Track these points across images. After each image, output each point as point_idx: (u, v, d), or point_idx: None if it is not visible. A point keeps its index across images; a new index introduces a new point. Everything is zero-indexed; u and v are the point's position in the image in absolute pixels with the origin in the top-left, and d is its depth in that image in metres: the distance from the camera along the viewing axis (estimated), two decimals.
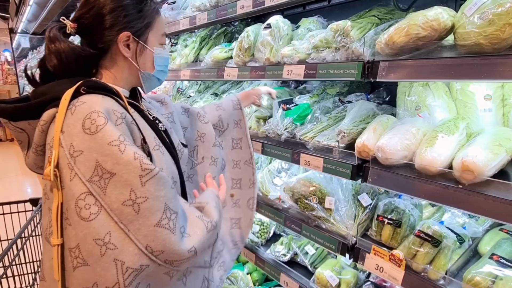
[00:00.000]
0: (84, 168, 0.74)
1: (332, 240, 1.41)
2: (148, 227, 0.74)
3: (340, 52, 1.29)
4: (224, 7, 1.79)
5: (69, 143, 0.76)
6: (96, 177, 0.73)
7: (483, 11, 0.92)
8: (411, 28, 1.04)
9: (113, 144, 0.74)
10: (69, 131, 0.77)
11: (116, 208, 0.73)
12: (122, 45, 0.93)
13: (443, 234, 1.15)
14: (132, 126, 0.86)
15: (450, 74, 0.97)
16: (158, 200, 0.75)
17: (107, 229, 0.73)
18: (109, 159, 0.73)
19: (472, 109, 1.23)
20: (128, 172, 0.73)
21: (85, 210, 0.73)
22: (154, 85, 1.08)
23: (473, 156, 0.98)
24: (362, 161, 1.28)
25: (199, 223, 0.87)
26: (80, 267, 0.75)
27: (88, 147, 0.74)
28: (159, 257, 0.75)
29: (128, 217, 0.73)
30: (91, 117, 0.76)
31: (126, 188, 0.73)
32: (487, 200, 0.94)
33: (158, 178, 0.77)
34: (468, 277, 1.04)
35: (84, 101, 0.79)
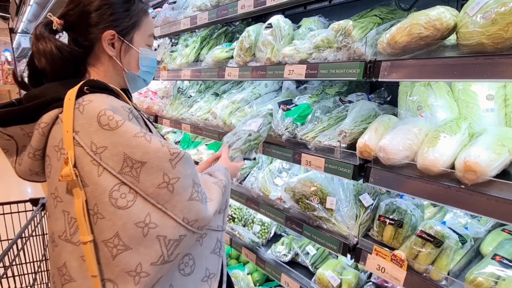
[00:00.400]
0: (112, 162, 0.77)
1: (333, 241, 1.40)
2: (183, 203, 0.81)
3: (341, 51, 1.28)
4: (225, 6, 1.79)
5: (89, 141, 0.77)
6: (126, 168, 0.77)
7: (486, 10, 0.92)
8: (414, 28, 1.04)
9: (138, 136, 0.77)
10: (85, 130, 0.78)
11: (152, 192, 0.78)
12: (106, 43, 0.93)
13: (445, 234, 1.14)
14: (139, 120, 0.87)
15: (453, 74, 0.97)
16: (187, 178, 0.82)
17: (146, 211, 0.78)
18: (137, 150, 0.77)
19: (474, 109, 1.23)
20: (159, 158, 0.78)
21: (121, 200, 0.77)
22: (139, 85, 1.09)
23: (476, 156, 0.97)
24: (364, 161, 1.27)
25: (215, 188, 0.99)
26: (121, 253, 0.78)
27: (112, 142, 0.77)
28: (194, 226, 0.83)
29: (164, 197, 0.79)
30: (106, 113, 0.77)
31: (159, 173, 0.78)
32: (490, 200, 0.93)
33: (186, 159, 0.83)
34: (471, 277, 1.04)
35: (91, 99, 0.80)
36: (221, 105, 2.07)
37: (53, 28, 0.92)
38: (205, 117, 2.15)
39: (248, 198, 1.82)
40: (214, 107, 2.11)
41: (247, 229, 2.03)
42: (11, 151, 0.92)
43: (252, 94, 2.03)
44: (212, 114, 2.06)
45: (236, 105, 1.96)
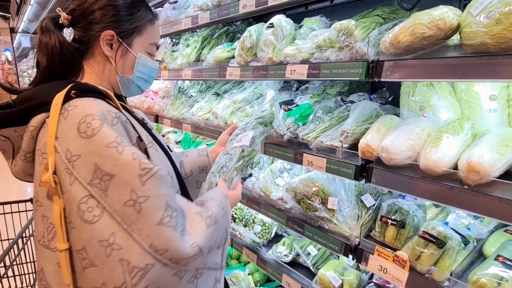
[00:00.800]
0: (84, 172, 0.74)
1: (335, 241, 1.40)
2: (150, 226, 0.73)
3: (343, 51, 1.28)
4: (226, 6, 1.78)
5: (65, 148, 0.76)
6: (96, 179, 0.74)
7: (490, 10, 0.91)
8: (417, 28, 1.03)
9: (110, 146, 0.74)
10: (64, 136, 0.77)
11: (118, 209, 0.73)
12: (104, 42, 0.94)
13: (448, 235, 1.14)
14: (126, 125, 0.86)
15: (456, 74, 0.96)
16: (159, 198, 0.75)
17: (111, 230, 0.73)
18: (107, 161, 0.74)
19: (477, 110, 1.22)
20: (128, 172, 0.74)
21: (88, 213, 0.74)
22: (133, 91, 1.07)
23: (479, 156, 0.97)
24: (366, 162, 1.27)
25: (197, 219, 0.86)
26: (88, 267, 0.75)
27: (86, 150, 0.75)
28: (164, 255, 0.74)
29: (130, 217, 0.73)
30: (86, 120, 0.76)
31: (126, 189, 0.73)
32: (493, 201, 0.93)
33: (158, 177, 0.77)
34: (474, 278, 1.03)
35: (76, 105, 0.79)
36: (222, 105, 2.07)
37: (59, 22, 0.94)
38: (206, 117, 2.14)
39: (249, 198, 1.82)
40: (215, 107, 2.10)
41: (248, 229, 2.02)
42: (8, 152, 0.93)
43: (254, 94, 2.03)
44: (213, 114, 2.06)
45: (238, 105, 1.95)
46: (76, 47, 0.94)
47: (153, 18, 1.05)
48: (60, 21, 0.94)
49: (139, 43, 1.01)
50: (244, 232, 1.94)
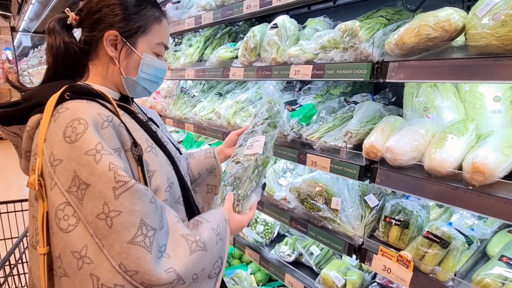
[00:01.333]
0: (63, 178, 0.72)
1: (338, 241, 1.40)
2: (121, 244, 0.70)
3: (348, 52, 1.28)
4: (230, 6, 1.79)
5: (50, 152, 0.75)
6: (74, 187, 0.72)
7: (496, 12, 0.92)
8: (422, 29, 1.04)
9: (89, 153, 0.72)
10: (51, 139, 0.75)
11: (91, 221, 0.71)
12: (108, 43, 0.92)
13: (452, 235, 1.14)
14: (120, 128, 0.84)
15: (462, 75, 0.97)
16: (132, 214, 0.72)
17: (83, 242, 0.71)
18: (85, 169, 0.72)
19: (481, 111, 1.23)
20: (102, 183, 0.71)
21: (63, 221, 0.72)
22: (139, 92, 1.03)
23: (484, 157, 0.97)
24: (370, 162, 1.27)
25: (182, 242, 0.80)
26: (63, 277, 0.74)
27: (67, 156, 0.73)
28: (134, 278, 0.70)
29: (101, 231, 0.70)
30: (73, 125, 0.75)
31: (100, 201, 0.71)
32: (498, 202, 0.93)
33: (134, 191, 0.73)
34: (478, 278, 1.04)
35: (68, 107, 0.78)
36: (225, 105, 2.07)
37: (67, 23, 0.93)
38: (209, 116, 2.15)
39: None
40: (218, 107, 2.11)
41: (251, 229, 2.03)
42: (19, 148, 0.93)
43: (257, 94, 2.03)
44: (216, 114, 2.06)
45: (241, 105, 1.96)
46: (82, 48, 0.93)
47: (160, 17, 1.00)
48: (68, 22, 0.93)
49: (145, 43, 0.97)
50: (247, 231, 1.95)
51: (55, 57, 0.93)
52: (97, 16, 0.92)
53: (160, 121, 1.21)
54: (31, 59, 8.46)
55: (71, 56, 0.92)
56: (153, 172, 0.90)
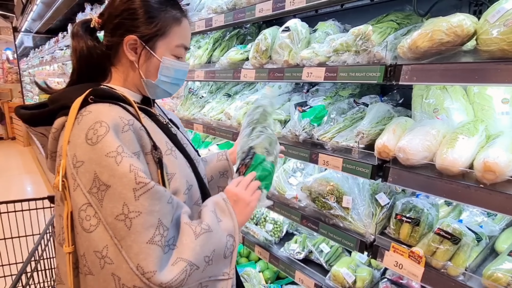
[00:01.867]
0: (85, 179, 0.74)
1: (350, 238, 1.44)
2: (140, 244, 0.71)
3: (361, 55, 1.33)
4: (242, 10, 1.83)
5: (73, 153, 0.77)
6: (94, 188, 0.73)
7: (507, 18, 0.96)
8: (435, 34, 1.08)
9: (110, 155, 0.73)
10: (74, 141, 0.77)
11: (110, 222, 0.72)
12: (128, 47, 0.93)
13: (463, 232, 1.19)
14: (141, 132, 0.85)
15: (474, 78, 1.01)
16: (152, 215, 0.74)
17: (104, 242, 0.72)
18: (105, 171, 0.73)
19: (490, 112, 1.27)
20: (123, 185, 0.72)
21: (86, 222, 0.74)
22: (160, 94, 1.04)
23: (495, 157, 1.02)
24: (382, 161, 1.32)
25: (186, 229, 0.82)
26: (88, 275, 0.77)
27: (89, 158, 0.75)
28: (152, 280, 0.71)
29: (120, 232, 0.72)
30: (95, 127, 0.77)
31: (119, 202, 0.72)
32: (509, 199, 0.98)
33: (154, 192, 0.75)
34: (488, 273, 1.08)
35: (91, 110, 0.80)
36: (234, 106, 2.11)
37: (90, 26, 0.96)
38: (218, 117, 2.18)
39: None
40: (227, 107, 2.15)
41: (260, 228, 2.06)
42: (46, 148, 0.94)
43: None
44: (226, 114, 2.10)
45: (251, 106, 1.99)
46: (104, 51, 0.95)
47: (180, 18, 0.98)
48: (91, 25, 0.96)
49: (164, 46, 0.96)
50: (257, 230, 1.99)
51: (78, 60, 0.96)
52: (117, 21, 0.93)
53: (179, 122, 1.24)
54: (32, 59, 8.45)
55: (93, 60, 0.95)
56: (173, 174, 0.92)
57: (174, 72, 1.01)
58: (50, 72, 6.52)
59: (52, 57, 6.04)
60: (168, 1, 0.97)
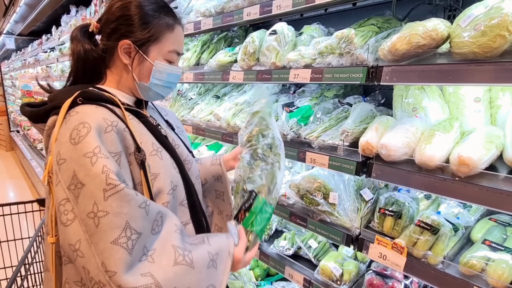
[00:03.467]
0: (65, 176, 0.80)
1: (337, 232, 1.51)
2: (105, 243, 0.75)
3: (345, 57, 1.40)
4: (230, 13, 1.88)
5: (58, 151, 0.82)
6: (72, 185, 0.79)
7: (477, 23, 1.05)
8: (412, 37, 1.16)
9: (87, 155, 0.78)
10: (60, 140, 0.83)
11: (83, 218, 0.77)
12: (122, 51, 0.98)
13: (441, 223, 1.27)
14: (124, 133, 0.90)
15: (448, 78, 1.09)
16: (119, 216, 0.76)
17: (78, 236, 0.77)
18: (82, 170, 0.78)
19: (464, 110, 1.36)
20: (95, 184, 0.77)
21: (63, 216, 0.79)
22: (152, 97, 1.08)
23: (469, 152, 1.10)
24: (366, 158, 1.38)
25: (169, 251, 0.82)
26: (67, 264, 0.86)
27: (70, 156, 0.80)
28: (113, 280, 0.73)
29: (90, 229, 0.76)
30: (78, 127, 0.82)
31: (91, 200, 0.76)
32: (481, 190, 1.06)
33: (122, 194, 0.78)
34: (464, 260, 1.16)
35: (78, 111, 0.86)
36: (223, 107, 2.15)
37: (88, 31, 1.02)
38: (208, 118, 2.22)
39: None
40: (216, 109, 2.19)
41: None
42: None
43: (255, 96, 2.12)
44: (215, 116, 2.14)
45: (239, 107, 2.05)
46: (100, 55, 1.01)
47: (173, 24, 1.01)
48: (90, 29, 1.02)
49: (157, 51, 1.00)
50: None
51: (76, 63, 1.02)
52: (113, 26, 0.98)
53: (178, 123, 1.25)
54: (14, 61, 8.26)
55: (90, 62, 1.01)
56: (156, 175, 0.94)
57: (167, 76, 1.04)
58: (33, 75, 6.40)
59: (35, 59, 5.94)
60: (162, 9, 1.01)
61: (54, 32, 4.79)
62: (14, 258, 1.76)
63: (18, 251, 1.79)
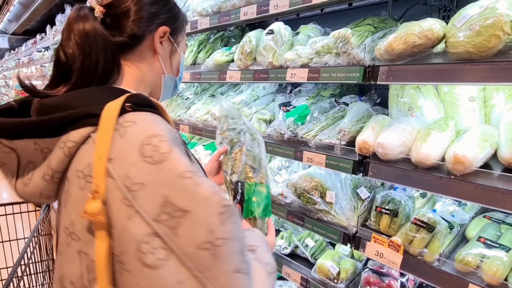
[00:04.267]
0: (149, 205, 0.60)
1: (334, 231, 1.52)
2: (227, 274, 0.62)
3: (342, 57, 1.41)
4: (227, 13, 1.88)
5: (123, 174, 0.61)
6: (164, 215, 0.60)
7: (472, 23, 1.06)
8: (409, 37, 1.17)
9: (185, 176, 0.61)
10: (122, 159, 0.62)
11: (190, 253, 0.60)
12: (158, 40, 0.84)
13: (437, 220, 1.28)
14: (186, 147, 0.73)
15: (444, 78, 1.11)
16: (236, 241, 0.64)
17: (178, 277, 0.60)
18: (182, 194, 0.61)
19: (459, 110, 1.38)
20: (206, 209, 0.61)
21: (150, 256, 0.59)
22: (169, 94, 0.98)
23: (464, 150, 1.11)
24: (362, 157, 1.40)
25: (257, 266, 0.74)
26: None
27: (153, 179, 0.61)
28: None
29: (204, 262, 0.60)
30: (152, 142, 0.62)
31: (202, 228, 0.60)
32: (476, 188, 1.07)
33: (236, 215, 0.65)
34: (460, 257, 1.17)
35: (134, 121, 0.64)
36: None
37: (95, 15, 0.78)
38: (204, 118, 2.22)
39: None
40: (213, 108, 2.19)
41: None
42: (10, 166, 0.71)
43: (251, 96, 2.13)
44: (212, 115, 2.14)
45: (236, 107, 2.05)
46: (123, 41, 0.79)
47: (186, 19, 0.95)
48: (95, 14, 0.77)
49: (182, 42, 0.92)
50: None
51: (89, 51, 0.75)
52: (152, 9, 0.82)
53: None
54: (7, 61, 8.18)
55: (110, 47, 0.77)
56: None
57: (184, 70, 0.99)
58: (27, 74, 6.34)
59: (29, 59, 5.89)
60: None
61: (49, 32, 4.75)
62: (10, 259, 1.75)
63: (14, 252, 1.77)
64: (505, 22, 0.99)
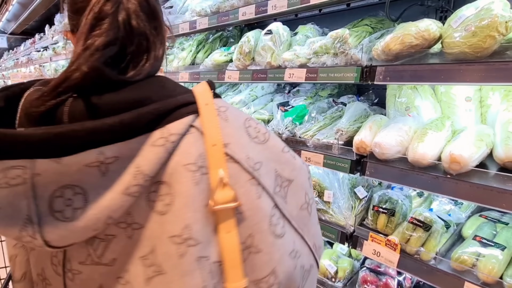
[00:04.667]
0: (269, 181, 0.64)
1: (332, 230, 1.53)
2: (315, 225, 0.74)
3: (339, 57, 1.42)
4: (226, 13, 1.89)
5: (245, 156, 0.61)
6: (277, 187, 0.66)
7: (467, 24, 1.07)
8: (406, 38, 1.18)
9: (285, 151, 0.70)
10: (237, 142, 0.62)
11: (296, 215, 0.69)
12: None
13: (433, 220, 1.29)
14: None
15: (440, 78, 1.12)
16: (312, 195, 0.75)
17: (292, 238, 0.67)
18: (286, 167, 0.68)
19: (455, 110, 1.39)
20: (301, 175, 0.71)
21: (278, 226, 0.64)
22: None
23: (460, 149, 1.12)
24: (360, 156, 1.41)
25: None
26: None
27: (266, 157, 0.65)
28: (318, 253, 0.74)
29: (303, 220, 0.70)
30: (251, 124, 0.66)
31: (302, 192, 0.71)
32: (472, 187, 1.08)
33: None
34: (456, 256, 1.19)
35: (224, 106, 0.64)
36: None
37: None
38: None
39: None
40: None
41: None
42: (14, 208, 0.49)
43: (250, 96, 2.14)
44: None
45: (235, 106, 2.05)
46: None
47: None
48: None
49: None
50: None
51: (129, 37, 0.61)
52: None
53: None
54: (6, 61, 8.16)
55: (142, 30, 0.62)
56: None
57: None
58: (26, 74, 6.33)
59: (28, 59, 5.88)
60: None
61: (48, 31, 4.74)
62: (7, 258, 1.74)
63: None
64: (500, 23, 1.00)
